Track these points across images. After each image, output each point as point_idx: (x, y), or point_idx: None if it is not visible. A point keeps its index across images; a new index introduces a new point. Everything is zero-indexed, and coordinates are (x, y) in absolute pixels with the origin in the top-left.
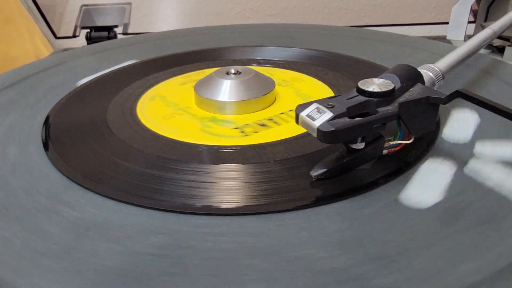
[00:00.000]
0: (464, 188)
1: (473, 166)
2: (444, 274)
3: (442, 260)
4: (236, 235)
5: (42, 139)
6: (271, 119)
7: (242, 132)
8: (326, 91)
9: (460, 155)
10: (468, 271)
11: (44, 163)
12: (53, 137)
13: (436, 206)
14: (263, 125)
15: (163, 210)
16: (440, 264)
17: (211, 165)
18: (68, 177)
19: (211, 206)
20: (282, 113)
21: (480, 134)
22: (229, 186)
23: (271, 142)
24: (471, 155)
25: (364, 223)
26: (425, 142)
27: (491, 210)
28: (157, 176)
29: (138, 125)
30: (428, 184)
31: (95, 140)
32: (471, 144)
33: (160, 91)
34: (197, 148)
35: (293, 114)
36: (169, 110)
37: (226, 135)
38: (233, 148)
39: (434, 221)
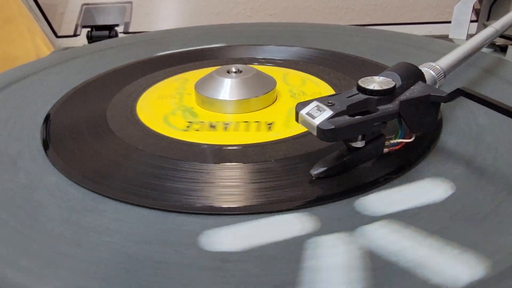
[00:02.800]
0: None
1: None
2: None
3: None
4: (236, 234)
5: (42, 138)
6: (227, 124)
7: (188, 127)
8: (327, 91)
9: (462, 153)
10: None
11: (43, 162)
12: (52, 136)
13: None
14: (212, 126)
15: (163, 210)
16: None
17: (212, 164)
18: (67, 177)
19: (211, 205)
20: (245, 121)
21: (482, 133)
22: (229, 185)
23: (272, 141)
24: (473, 153)
25: (366, 222)
26: (427, 141)
27: None
28: (156, 175)
29: (138, 124)
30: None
31: (95, 139)
32: (472, 142)
33: (189, 74)
34: (198, 147)
35: (253, 125)
36: (171, 92)
37: (174, 127)
38: (234, 147)
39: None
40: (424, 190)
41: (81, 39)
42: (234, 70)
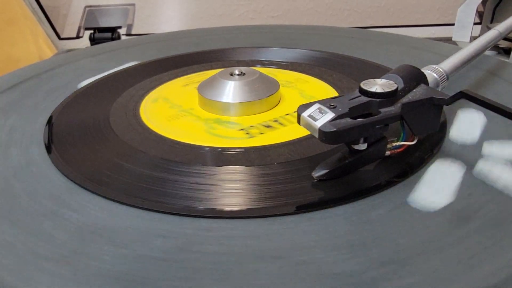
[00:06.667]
0: (473, 191)
1: (481, 168)
2: (456, 279)
3: (454, 264)
4: (240, 238)
5: (45, 141)
6: (276, 120)
7: (248, 133)
8: (330, 92)
9: (468, 156)
10: (480, 275)
11: (46, 165)
12: (55, 138)
13: (445, 208)
14: (268, 126)
15: (166, 213)
16: (451, 268)
17: (215, 167)
18: (71, 179)
19: (214, 208)
20: (287, 114)
21: (488, 135)
22: (232, 188)
23: (274, 144)
24: (480, 156)
25: (372, 226)
26: (432, 144)
27: (502, 213)
28: (160, 178)
29: (141, 127)
30: (436, 186)
31: (98, 142)
32: (479, 145)
33: (163, 92)
34: (201, 150)
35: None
36: (173, 112)
37: (232, 137)
38: (237, 150)
39: (443, 224)
40: (431, 194)
41: (84, 41)
42: (237, 72)
